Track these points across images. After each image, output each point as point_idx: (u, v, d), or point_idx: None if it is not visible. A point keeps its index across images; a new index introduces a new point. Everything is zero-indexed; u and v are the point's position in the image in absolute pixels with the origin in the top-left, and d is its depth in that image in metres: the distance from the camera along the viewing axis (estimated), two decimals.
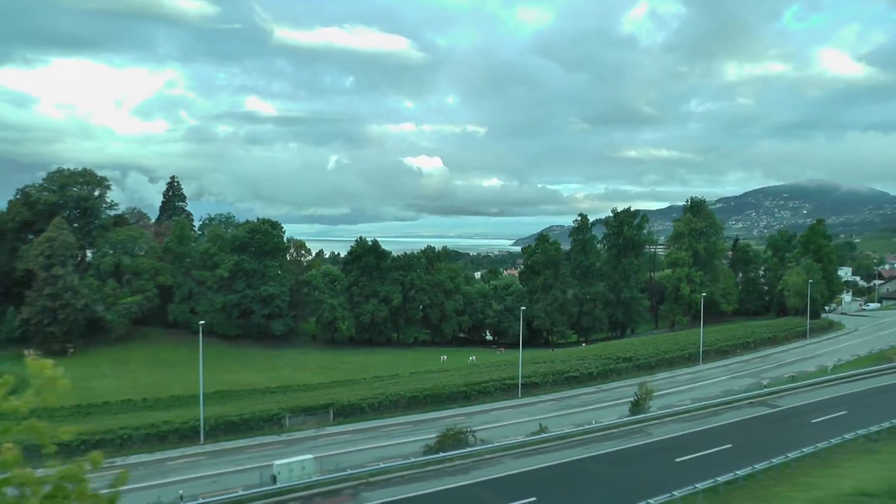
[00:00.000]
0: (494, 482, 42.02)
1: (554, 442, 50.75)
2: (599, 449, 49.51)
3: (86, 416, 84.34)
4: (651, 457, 46.94)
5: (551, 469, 44.51)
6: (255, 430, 59.31)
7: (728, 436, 52.20)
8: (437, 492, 40.38)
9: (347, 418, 63.20)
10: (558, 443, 50.59)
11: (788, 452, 45.39)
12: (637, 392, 58.74)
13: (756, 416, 59.03)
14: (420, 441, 51.73)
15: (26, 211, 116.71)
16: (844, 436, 49.51)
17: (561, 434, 52.20)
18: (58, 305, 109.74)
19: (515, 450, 49.24)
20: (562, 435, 52.22)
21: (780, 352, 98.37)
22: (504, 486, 41.19)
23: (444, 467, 44.79)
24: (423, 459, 45.33)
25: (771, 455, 44.86)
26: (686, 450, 48.05)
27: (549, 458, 47.17)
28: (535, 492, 39.66)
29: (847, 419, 56.67)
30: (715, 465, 43.17)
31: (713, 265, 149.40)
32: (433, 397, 68.02)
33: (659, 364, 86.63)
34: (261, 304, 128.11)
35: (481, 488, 40.79)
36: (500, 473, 44.03)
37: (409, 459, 45.16)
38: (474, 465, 45.86)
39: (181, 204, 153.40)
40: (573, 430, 53.25)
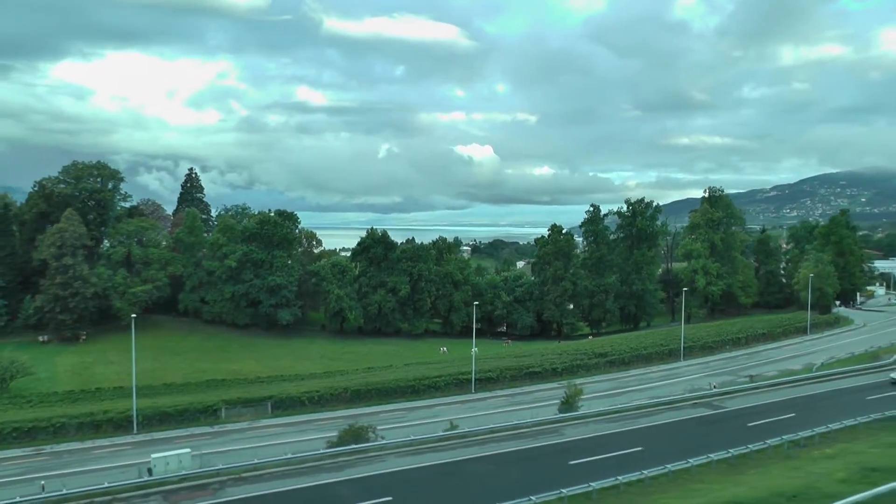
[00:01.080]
0: (362, 480, 42.15)
1: (453, 441, 50.65)
2: (497, 449, 48.93)
3: (74, 401, 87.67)
4: (547, 458, 46.20)
5: (430, 468, 44.39)
6: (191, 422, 60.96)
7: (647, 438, 51.06)
8: (297, 489, 40.79)
9: (286, 411, 64.37)
10: (457, 441, 50.50)
11: (698, 456, 44.46)
12: (566, 391, 58.16)
13: (691, 418, 57.62)
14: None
15: (42, 203, 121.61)
16: (767, 441, 48.00)
17: (462, 433, 52.03)
18: (68, 294, 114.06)
19: (405, 448, 49.26)
20: (462, 434, 51.98)
21: (772, 348, 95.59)
22: (370, 484, 41.27)
23: (324, 464, 45.33)
24: (299, 456, 45.98)
25: (685, 458, 44.08)
26: (592, 452, 47.19)
27: (438, 457, 46.97)
28: (395, 491, 39.79)
29: (789, 422, 54.87)
30: (612, 469, 42.38)
31: (731, 257, 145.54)
32: (379, 392, 68.64)
33: (635, 360, 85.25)
34: (268, 293, 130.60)
35: (345, 486, 41.08)
36: (375, 472, 44.02)
37: (287, 455, 45.86)
38: (354, 463, 46.06)
39: (199, 195, 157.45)
40: (479, 429, 52.97)
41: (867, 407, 59.68)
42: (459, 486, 41.43)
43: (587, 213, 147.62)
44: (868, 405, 60.70)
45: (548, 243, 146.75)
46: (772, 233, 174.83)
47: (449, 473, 43.57)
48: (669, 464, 42.87)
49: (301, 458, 45.86)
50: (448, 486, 41.28)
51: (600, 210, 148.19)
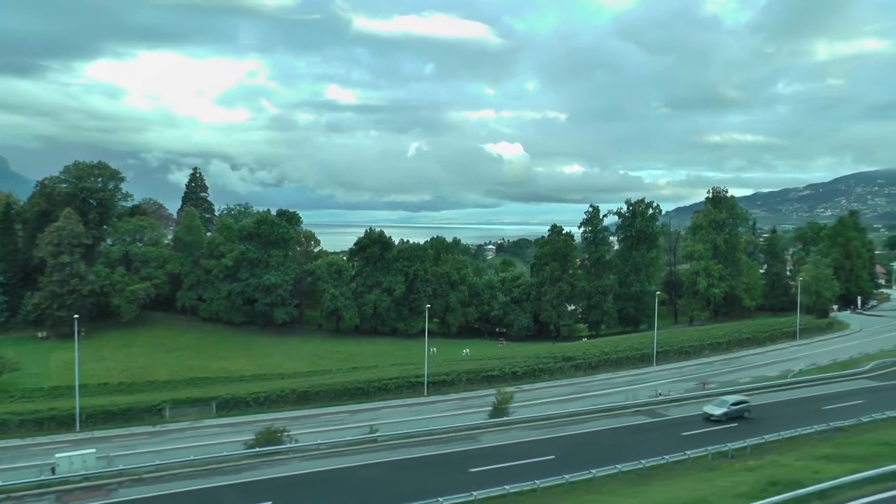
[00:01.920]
0: (252, 483, 42.40)
1: (363, 445, 50.81)
2: (404, 454, 48.77)
3: (55, 397, 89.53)
4: (450, 465, 45.74)
5: (325, 473, 44.38)
6: (135, 420, 62.01)
7: (566, 447, 50.20)
8: (185, 491, 41.12)
9: (231, 412, 65.09)
10: (367, 446, 50.59)
11: (609, 466, 43.95)
12: (496, 397, 57.83)
13: (624, 426, 56.73)
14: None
15: (44, 202, 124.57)
16: (687, 452, 47.16)
17: (371, 437, 52.07)
18: (65, 291, 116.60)
19: (312, 452, 49.37)
20: (374, 438, 52.04)
21: (753, 354, 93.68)
22: (257, 487, 41.49)
23: (223, 467, 45.73)
24: (201, 458, 46.43)
25: (599, 467, 43.63)
26: (501, 459, 46.66)
27: (341, 461, 46.99)
28: (278, 495, 39.99)
29: (727, 432, 53.86)
30: (513, 477, 41.88)
31: (735, 258, 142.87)
32: (326, 393, 69.04)
33: (604, 364, 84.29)
34: (263, 292, 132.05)
35: (234, 489, 41.41)
36: (271, 475, 44.35)
37: (189, 458, 46.37)
38: (257, 465, 46.42)
39: (203, 194, 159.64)
40: (393, 434, 53.05)
41: (822, 416, 58.36)
42: (344, 491, 41.47)
43: (586, 214, 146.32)
44: (824, 414, 59.39)
45: (546, 244, 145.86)
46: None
47: (341, 479, 43.57)
48: (576, 473, 42.29)
49: (203, 460, 46.32)
50: (333, 492, 41.37)
51: (599, 210, 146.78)
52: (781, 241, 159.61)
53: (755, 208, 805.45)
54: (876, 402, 63.41)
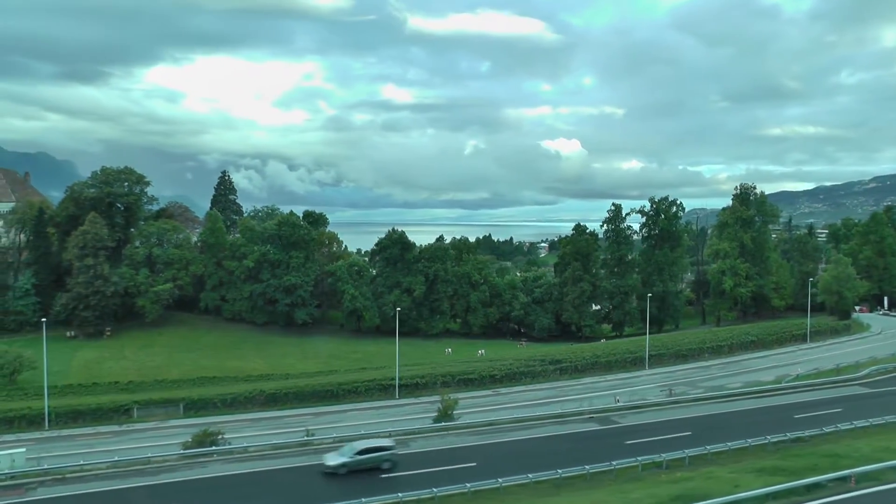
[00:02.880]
0: (163, 486, 43.78)
1: (292, 448, 51.34)
2: (315, 460, 48.84)
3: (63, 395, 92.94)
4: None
5: (239, 476, 45.54)
6: (103, 420, 64.02)
7: (495, 454, 49.78)
8: (99, 491, 42.51)
9: (199, 412, 66.54)
10: (300, 449, 51.10)
11: (532, 473, 43.36)
12: (440, 403, 57.54)
13: (568, 433, 55.63)
14: (233, 437, 54.05)
15: (73, 206, 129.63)
16: (613, 462, 46.03)
17: (305, 441, 52.58)
18: (90, 292, 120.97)
19: (238, 455, 50.06)
20: (307, 441, 52.56)
21: (756, 357, 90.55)
22: (166, 490, 42.99)
23: (148, 468, 46.84)
24: (126, 459, 47.63)
25: (515, 474, 43.17)
26: (420, 466, 46.60)
27: (263, 464, 47.80)
28: (182, 499, 40.89)
29: (675, 441, 52.22)
30: (422, 484, 41.98)
31: (764, 257, 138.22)
32: (295, 395, 69.85)
33: (593, 368, 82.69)
34: (284, 293, 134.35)
35: (143, 490, 42.77)
36: (186, 478, 45.31)
37: (115, 458, 47.66)
38: (179, 468, 47.40)
39: (232, 197, 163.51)
40: (326, 438, 53.53)
41: (789, 425, 56.25)
42: (249, 496, 42.03)
43: (608, 212, 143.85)
44: (793, 423, 57.22)
45: (568, 243, 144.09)
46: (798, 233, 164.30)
47: (254, 482, 44.15)
48: (482, 481, 41.88)
49: (128, 461, 47.55)
50: (239, 496, 41.96)
51: (622, 209, 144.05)
52: (812, 240, 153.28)
53: (817, 203, 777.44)
54: (855, 411, 60.70)
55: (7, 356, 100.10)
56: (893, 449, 49.07)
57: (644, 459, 46.46)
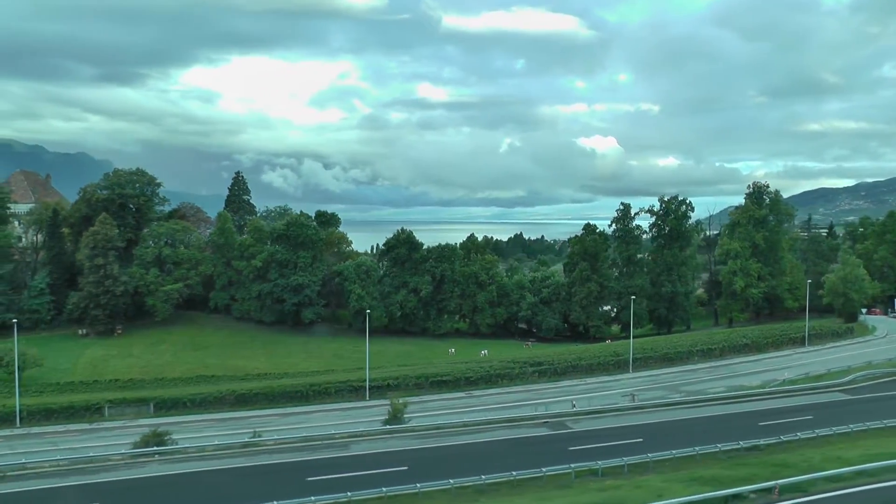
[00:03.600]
0: (97, 484, 44.20)
1: (236, 450, 51.79)
2: (263, 461, 49.40)
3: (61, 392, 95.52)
4: (293, 472, 46.22)
5: (173, 476, 46.06)
6: (75, 418, 65.49)
7: (432, 457, 49.67)
8: (34, 490, 43.31)
9: (168, 411, 67.66)
10: (241, 450, 51.59)
11: (445, 480, 43.18)
12: (390, 406, 57.65)
13: (514, 438, 55.08)
14: (191, 437, 54.98)
15: (85, 207, 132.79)
16: (543, 469, 45.56)
17: (241, 442, 53.06)
18: (100, 291, 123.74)
19: (180, 455, 50.72)
20: (247, 443, 52.98)
21: (748, 361, 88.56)
22: (100, 488, 43.43)
23: (89, 467, 47.79)
24: (68, 458, 48.64)
25: (443, 479, 43.06)
26: (355, 468, 46.86)
27: (200, 465, 48.27)
28: (109, 498, 41.59)
29: (623, 448, 51.36)
30: (347, 487, 42.06)
31: (777, 257, 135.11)
32: (265, 396, 70.54)
33: (573, 371, 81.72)
34: (291, 292, 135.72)
35: (75, 490, 43.55)
36: (122, 477, 46.00)
37: (57, 457, 48.75)
38: (119, 467, 48.16)
39: (246, 197, 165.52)
40: (266, 440, 53.96)
41: (750, 433, 55.09)
42: (176, 496, 42.62)
43: (617, 212, 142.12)
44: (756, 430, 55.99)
45: (577, 243, 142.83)
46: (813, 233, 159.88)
47: (181, 483, 44.78)
48: (400, 486, 41.91)
49: (70, 460, 48.63)
50: (165, 497, 42.58)
51: (630, 208, 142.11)
52: (828, 240, 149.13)
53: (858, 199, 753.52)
54: (825, 419, 59.09)
55: (11, 354, 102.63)
56: (845, 458, 47.64)
57: (577, 466, 45.75)
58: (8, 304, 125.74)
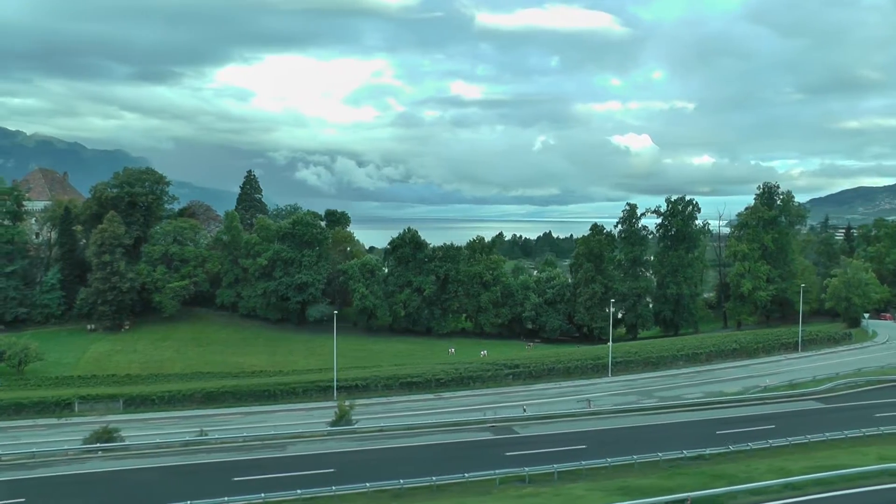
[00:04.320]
0: (29, 480, 45.29)
1: (173, 448, 52.48)
2: (191, 460, 50.02)
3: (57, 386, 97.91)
4: (223, 473, 46.78)
5: (104, 474, 46.93)
6: (45, 413, 66.87)
7: (362, 460, 49.94)
8: None
9: (138, 408, 68.74)
10: (182, 449, 52.32)
11: (362, 483, 43.25)
12: (337, 408, 57.79)
13: (454, 442, 54.68)
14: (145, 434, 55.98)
15: (95, 205, 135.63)
16: (465, 474, 45.24)
17: (181, 441, 53.78)
18: (107, 287, 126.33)
19: (119, 452, 51.66)
20: (192, 442, 53.63)
21: (735, 367, 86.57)
22: (28, 484, 44.49)
23: (32, 462, 48.93)
24: (11, 453, 49.93)
25: (371, 481, 43.24)
26: (286, 469, 47.18)
27: (133, 463, 49.13)
28: (36, 493, 42.82)
29: (563, 454, 50.52)
30: (272, 487, 42.62)
31: (788, 259, 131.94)
32: (233, 394, 71.21)
33: (551, 374, 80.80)
34: (296, 290, 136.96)
35: (3, 485, 44.59)
36: (55, 473, 46.81)
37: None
38: (56, 463, 49.11)
39: (258, 196, 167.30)
40: (209, 439, 54.54)
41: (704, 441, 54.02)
42: (99, 493, 43.36)
43: (623, 212, 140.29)
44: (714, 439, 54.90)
45: (582, 243, 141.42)
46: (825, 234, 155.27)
47: (110, 481, 45.52)
48: (320, 488, 42.08)
49: (11, 455, 49.80)
50: (94, 493, 43.43)
51: (636, 208, 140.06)
52: (840, 242, 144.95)
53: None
54: (788, 428, 57.63)
55: (15, 348, 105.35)
56: (788, 470, 46.53)
57: (504, 473, 45.29)
58: (21, 299, 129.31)
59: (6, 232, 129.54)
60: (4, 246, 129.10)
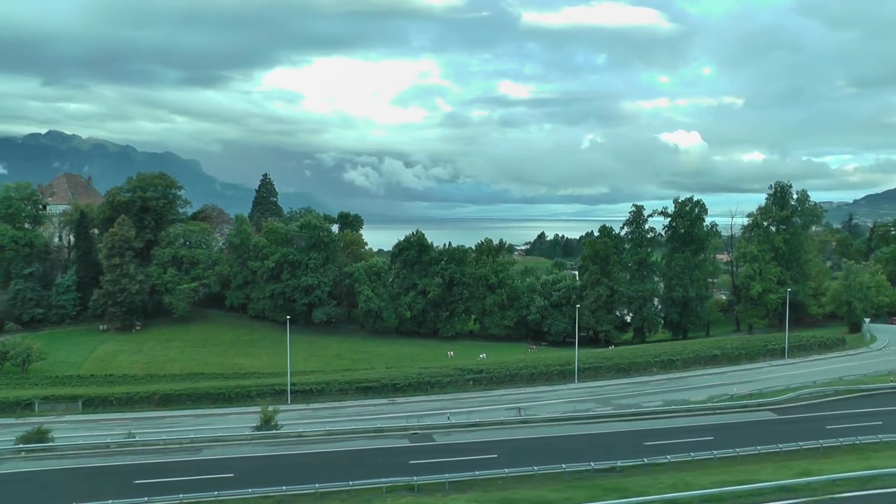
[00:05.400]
0: None
1: (97, 450, 53.68)
2: (113, 462, 51.13)
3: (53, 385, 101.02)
4: (129, 475, 47.62)
5: (25, 474, 48.21)
6: (6, 412, 69.12)
7: (263, 465, 50.22)
8: None
9: (97, 409, 70.61)
10: (103, 451, 53.55)
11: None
12: (261, 414, 58.24)
13: (371, 449, 54.43)
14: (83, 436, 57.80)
15: (109, 209, 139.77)
16: (349, 482, 45.10)
17: (100, 443, 54.92)
18: (117, 289, 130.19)
19: (47, 452, 53.13)
20: (105, 444, 54.86)
21: (708, 374, 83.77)
22: None
23: None
24: None
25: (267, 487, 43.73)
26: (182, 473, 47.91)
27: (58, 464, 50.49)
28: None
29: (471, 463, 49.71)
30: (167, 491, 43.52)
31: (802, 261, 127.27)
32: (188, 397, 72.46)
33: (513, 379, 79.67)
34: (302, 293, 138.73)
35: None
36: None
37: None
38: None
39: (273, 199, 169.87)
40: (134, 441, 55.71)
41: (628, 452, 52.76)
42: (21, 493, 44.92)
43: (630, 213, 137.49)
44: (640, 450, 53.49)
45: (589, 245, 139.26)
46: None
47: (16, 481, 46.92)
48: (202, 493, 42.63)
49: None
50: (13, 492, 44.91)
51: (643, 210, 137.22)
52: (857, 242, 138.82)
53: None
54: (724, 440, 55.46)
55: (18, 348, 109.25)
56: (691, 484, 44.85)
57: (389, 482, 44.90)
58: (38, 300, 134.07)
59: (24, 235, 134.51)
60: (23, 249, 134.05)
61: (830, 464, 49.47)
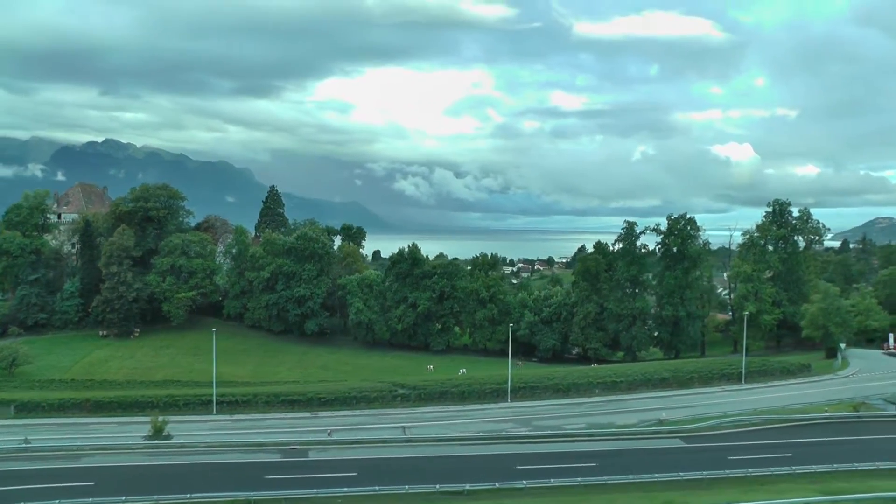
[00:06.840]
0: None
1: None
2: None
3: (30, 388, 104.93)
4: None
5: None
6: None
7: (132, 475, 51.29)
8: None
9: (30, 413, 72.94)
10: None
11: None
12: (151, 424, 59.16)
13: (239, 462, 55.20)
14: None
15: (112, 219, 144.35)
16: (188, 494, 45.58)
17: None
18: (115, 297, 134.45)
19: None
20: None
21: (650, 397, 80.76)
22: None
23: None
24: None
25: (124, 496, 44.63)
26: (47, 480, 48.98)
27: None
28: None
29: (330, 481, 49.85)
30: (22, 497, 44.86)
31: (800, 281, 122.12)
32: (119, 404, 74.17)
33: (443, 397, 78.93)
34: (295, 304, 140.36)
35: None
36: None
37: None
38: None
39: (280, 210, 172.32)
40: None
41: (496, 475, 51.78)
42: None
43: (622, 230, 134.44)
44: (503, 474, 52.43)
45: (580, 261, 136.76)
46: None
47: None
48: None
49: None
50: None
51: (635, 226, 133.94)
52: (858, 263, 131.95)
53: None
54: (608, 468, 53.75)
55: (5, 352, 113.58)
56: None
57: (229, 496, 45.11)
58: (42, 306, 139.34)
59: (31, 243, 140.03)
60: (30, 256, 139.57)
61: (697, 496, 47.44)
